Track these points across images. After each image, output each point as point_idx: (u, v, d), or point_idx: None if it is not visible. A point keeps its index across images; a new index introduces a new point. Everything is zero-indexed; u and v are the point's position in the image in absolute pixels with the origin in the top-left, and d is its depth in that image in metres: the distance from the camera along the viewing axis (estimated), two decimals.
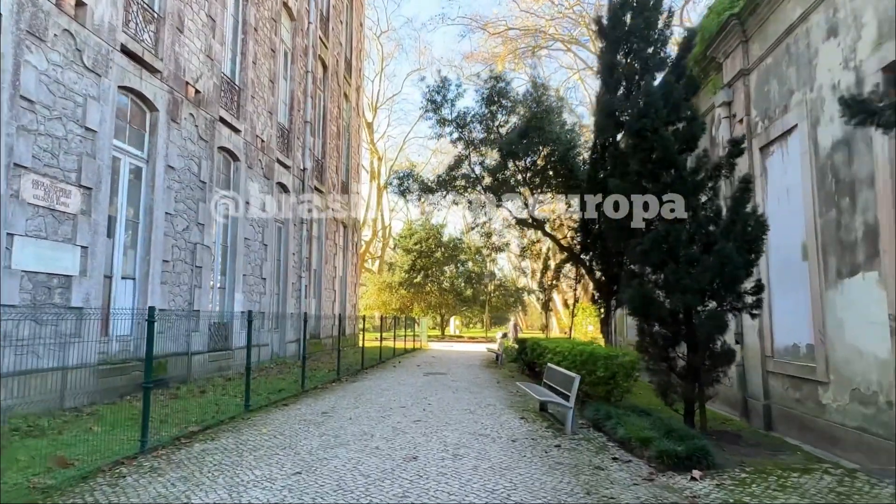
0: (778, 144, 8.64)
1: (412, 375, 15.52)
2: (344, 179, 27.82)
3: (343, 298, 27.49)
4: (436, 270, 41.45)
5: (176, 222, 12.89)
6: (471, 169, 21.83)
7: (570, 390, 8.03)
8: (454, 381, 14.01)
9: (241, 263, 16.09)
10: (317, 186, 22.84)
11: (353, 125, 29.73)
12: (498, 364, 19.21)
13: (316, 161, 23.36)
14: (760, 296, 7.46)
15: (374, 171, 48.33)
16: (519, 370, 17.42)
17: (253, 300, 17.07)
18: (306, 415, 9.00)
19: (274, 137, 18.65)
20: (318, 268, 23.65)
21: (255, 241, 17.23)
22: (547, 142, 17.43)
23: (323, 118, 24.42)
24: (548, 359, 11.44)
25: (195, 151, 13.74)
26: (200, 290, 13.88)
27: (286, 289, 19.74)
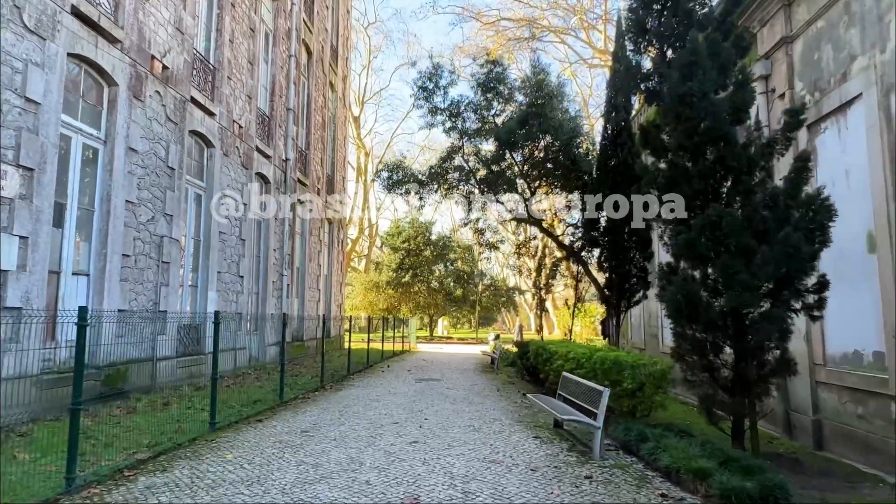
0: (833, 119, 7.47)
1: (403, 382, 14.20)
2: (329, 173, 26.41)
3: (328, 298, 26.07)
4: (424, 269, 40.10)
5: (139, 212, 11.47)
6: (464, 161, 20.56)
7: (596, 406, 6.78)
8: (450, 389, 12.72)
9: (215, 259, 14.67)
10: (300, 179, 21.43)
11: (340, 117, 28.34)
12: (494, 368, 17.96)
13: (299, 152, 21.95)
14: (824, 294, 6.27)
15: (361, 167, 46.88)
16: (518, 375, 16.19)
17: (229, 300, 15.64)
18: (283, 434, 7.65)
19: (253, 124, 17.23)
20: (302, 265, 22.23)
21: (232, 236, 15.81)
22: (548, 130, 16.20)
23: (307, 107, 23.02)
24: (557, 365, 10.20)
25: (162, 134, 12.31)
26: (168, 288, 12.45)
27: (266, 288, 18.32)
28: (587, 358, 8.72)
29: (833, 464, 6.71)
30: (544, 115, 15.55)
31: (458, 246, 42.50)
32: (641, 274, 12.20)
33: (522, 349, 14.82)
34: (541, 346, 12.17)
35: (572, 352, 9.53)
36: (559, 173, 18.12)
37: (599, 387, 6.86)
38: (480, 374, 16.56)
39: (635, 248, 12.09)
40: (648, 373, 7.49)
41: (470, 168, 20.82)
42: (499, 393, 12.28)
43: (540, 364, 12.26)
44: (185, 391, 11.43)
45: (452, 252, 41.50)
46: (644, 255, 12.13)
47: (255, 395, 10.98)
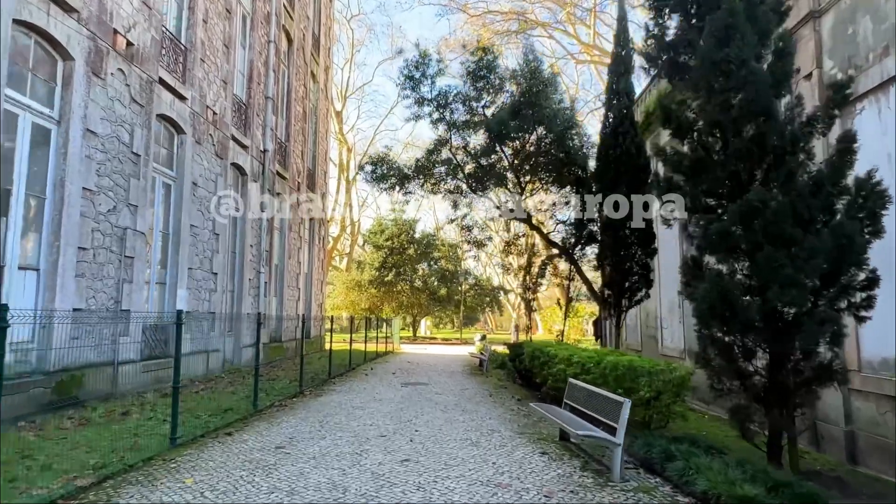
0: (872, 99, 6.75)
1: (388, 386, 13.29)
2: (310, 167, 25.36)
3: (308, 297, 25.01)
4: (408, 268, 39.15)
5: (98, 201, 10.40)
6: (452, 154, 19.70)
7: (611, 418, 5.96)
8: (440, 395, 11.84)
9: (186, 255, 13.61)
10: (279, 172, 20.38)
11: (322, 109, 27.29)
12: (483, 371, 17.11)
13: (279, 144, 20.89)
14: (873, 292, 5.52)
15: (343, 163, 45.75)
16: (509, 379, 15.37)
17: (201, 298, 14.58)
18: (254, 451, 6.71)
19: (229, 111, 16.16)
20: (281, 263, 21.17)
21: (205, 230, 14.74)
22: (542, 120, 15.41)
23: (287, 96, 21.95)
24: (558, 370, 9.39)
25: (126, 116, 11.25)
26: (132, 285, 11.38)
27: (242, 286, 17.26)
28: (595, 362, 7.90)
29: (880, 483, 5.97)
30: (538, 105, 14.76)
31: (443, 244, 41.64)
32: (643, 271, 11.45)
33: (515, 351, 14.00)
34: (537, 349, 11.35)
35: (576, 355, 8.71)
36: (552, 167, 17.35)
37: (618, 397, 6.03)
38: (469, 377, 15.70)
39: (637, 243, 11.33)
40: (667, 380, 6.70)
41: (458, 162, 19.98)
42: (492, 399, 11.43)
43: (536, 368, 11.45)
44: (148, 399, 10.38)
45: (437, 250, 40.62)
46: (646, 252, 11.38)
47: (226, 403, 9.99)
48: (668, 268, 12.19)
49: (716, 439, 6.86)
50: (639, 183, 11.15)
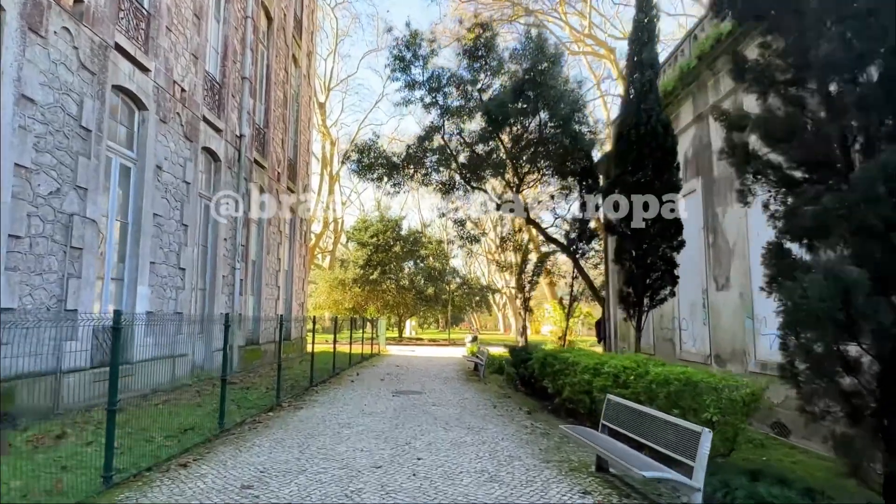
0: None
1: (378, 396, 11.81)
2: (291, 157, 23.74)
3: (288, 296, 23.40)
4: (394, 266, 37.62)
5: (37, 181, 8.79)
6: (445, 142, 18.25)
7: (685, 452, 4.57)
8: (437, 407, 10.41)
9: (147, 248, 12.00)
10: (257, 160, 18.77)
11: (304, 97, 25.66)
12: (480, 377, 15.70)
13: (257, 130, 19.28)
14: None
15: (326, 157, 44.04)
16: (510, 385, 14.00)
17: (165, 296, 12.96)
18: (212, 493, 5.21)
19: (200, 89, 14.54)
20: (258, 259, 19.57)
21: (171, 220, 13.13)
22: (548, 101, 14.04)
23: (266, 80, 20.33)
24: (580, 380, 8.01)
25: (74, 84, 9.63)
26: (80, 280, 9.78)
27: (215, 283, 15.65)
28: (634, 374, 6.51)
29: None
30: (544, 84, 13.38)
31: (430, 242, 40.18)
32: (668, 267, 10.12)
33: (519, 356, 12.61)
34: (550, 354, 9.96)
35: (606, 364, 7.33)
36: (554, 157, 15.99)
37: (692, 425, 4.64)
38: (466, 384, 14.28)
39: (661, 235, 10.00)
40: (736, 398, 5.34)
41: (451, 151, 18.57)
42: (497, 411, 10.03)
43: (548, 375, 10.06)
44: (95, 416, 8.79)
45: (423, 248, 39.14)
46: (672, 245, 10.05)
47: (189, 420, 8.45)
48: (687, 263, 10.88)
49: (806, 474, 5.52)
50: (665, 166, 9.83)
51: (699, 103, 11.44)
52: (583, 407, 8.61)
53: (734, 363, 9.99)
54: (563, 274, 22.52)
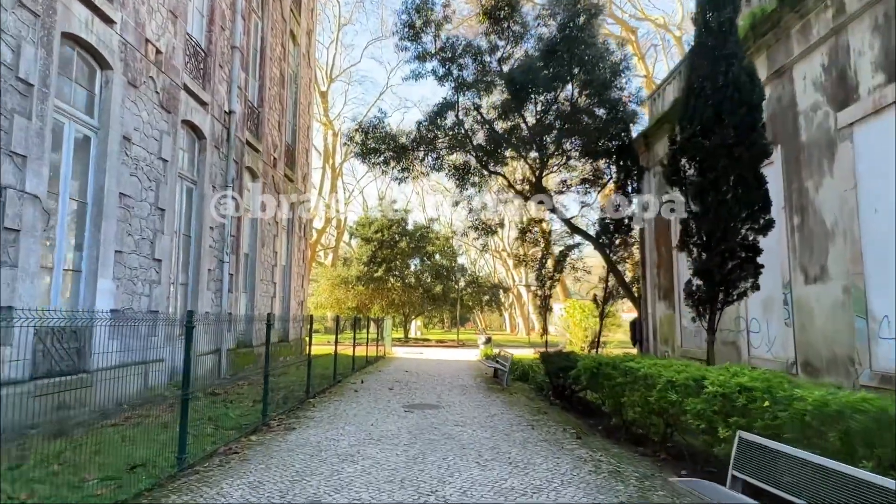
0: None
1: (387, 412, 9.82)
2: (290, 143, 21.78)
3: (286, 294, 21.44)
4: (400, 263, 35.61)
5: None
6: (458, 121, 16.24)
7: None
8: (462, 427, 8.41)
9: (111, 233, 10.03)
10: (250, 142, 16.81)
11: (303, 78, 23.69)
12: (503, 385, 13.67)
13: (250, 108, 17.32)
14: None
15: (329, 149, 42.04)
16: (539, 395, 12.01)
17: (136, 292, 11.00)
18: None
19: (180, 53, 12.57)
20: (252, 252, 17.61)
21: (143, 203, 11.17)
22: (583, 63, 12.02)
23: (261, 54, 18.38)
24: (660, 399, 6.00)
25: (8, 24, 7.67)
26: (16, 271, 7.83)
27: (199, 278, 13.69)
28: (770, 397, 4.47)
29: None
30: (580, 41, 11.36)
31: (437, 238, 38.15)
32: (750, 253, 8.09)
33: (556, 362, 10.57)
34: (607, 363, 7.92)
35: (707, 379, 5.30)
36: (588, 133, 13.96)
37: None
38: (489, 395, 12.27)
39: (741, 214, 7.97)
40: None
41: (466, 130, 16.57)
42: (539, 434, 8.02)
43: (602, 389, 8.04)
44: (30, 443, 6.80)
45: (431, 244, 37.10)
46: (757, 225, 8.02)
47: (142, 451, 6.46)
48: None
49: None
50: (750, 125, 7.80)
51: (778, 55, 9.40)
52: (655, 432, 6.60)
53: (834, 373, 7.97)
54: (588, 269, 20.47)
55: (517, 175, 19.01)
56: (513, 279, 52.97)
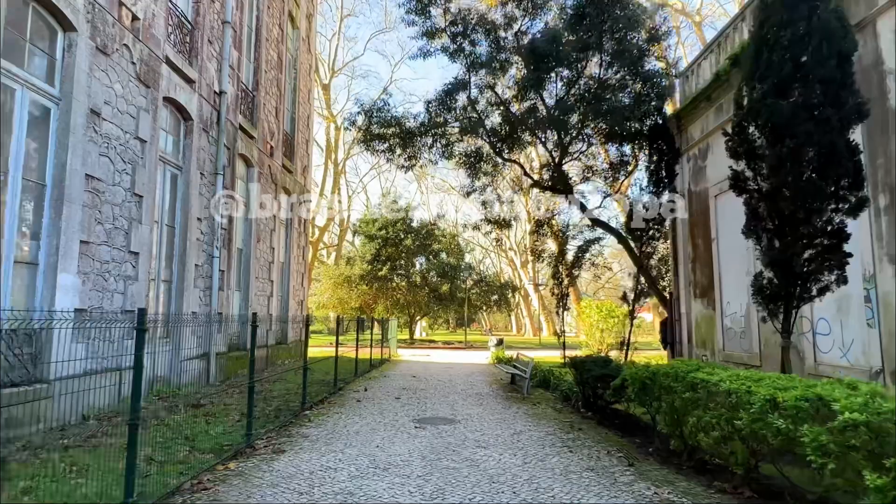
0: None
1: (395, 428, 8.42)
2: (288, 131, 20.42)
3: (284, 293, 20.07)
4: (405, 262, 34.22)
5: None
6: (471, 100, 14.82)
7: None
8: (487, 451, 7.01)
9: (76, 221, 8.67)
10: (243, 126, 15.44)
11: (303, 64, 22.33)
12: (523, 394, 12.24)
13: (244, 91, 15.96)
14: None
15: (331, 144, 40.67)
16: (564, 404, 10.60)
17: (108, 289, 9.63)
18: None
19: (161, 22, 11.21)
20: (246, 248, 16.25)
21: (117, 187, 9.81)
22: (614, 30, 10.60)
23: (256, 33, 17.02)
24: (748, 419, 4.58)
25: None
26: None
27: (185, 274, 12.33)
28: None
29: None
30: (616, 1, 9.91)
31: (443, 235, 36.74)
32: (835, 240, 6.65)
33: (591, 370, 9.12)
34: (660, 374, 6.48)
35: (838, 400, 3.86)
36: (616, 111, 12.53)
37: None
38: (508, 405, 10.85)
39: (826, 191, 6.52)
40: None
41: (479, 113, 15.16)
42: (580, 460, 6.61)
43: (654, 403, 6.61)
44: None
45: (437, 242, 35.69)
46: (845, 205, 6.57)
47: (92, 485, 5.07)
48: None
49: None
50: (841, 81, 6.37)
51: (858, 7, 7.96)
52: (736, 462, 5.19)
53: None
54: (608, 265, 19.04)
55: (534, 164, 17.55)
56: (519, 278, 51.51)
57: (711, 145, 12.44)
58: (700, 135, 12.83)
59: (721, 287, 12.07)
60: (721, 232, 12.07)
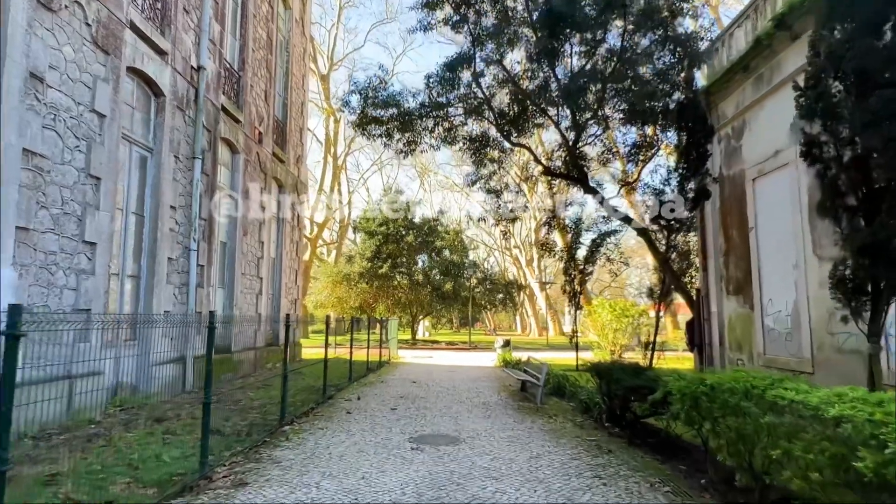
0: None
1: (386, 450, 7.05)
2: (280, 117, 19.07)
3: (275, 291, 18.73)
4: (407, 259, 32.83)
5: None
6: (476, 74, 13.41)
7: None
8: (499, 484, 5.63)
9: (11, 204, 7.32)
10: (227, 108, 14.09)
11: (296, 47, 20.97)
12: (537, 403, 10.82)
13: (228, 70, 14.62)
14: None
15: (330, 137, 39.30)
16: (584, 416, 9.20)
17: (54, 284, 8.28)
18: None
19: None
20: (231, 241, 14.90)
21: (67, 167, 8.47)
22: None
23: (242, 8, 15.67)
24: (869, 463, 3.19)
25: None
26: None
27: (155, 268, 10.98)
28: None
29: None
30: None
31: (447, 232, 35.33)
32: None
33: (622, 379, 7.68)
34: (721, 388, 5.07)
35: None
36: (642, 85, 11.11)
37: None
38: (521, 418, 9.44)
39: None
40: None
41: (485, 93, 13.76)
42: (615, 493, 5.24)
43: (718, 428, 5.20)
44: None
45: (440, 239, 34.27)
46: None
47: None
48: None
49: None
50: None
51: None
52: None
53: None
54: (624, 260, 17.66)
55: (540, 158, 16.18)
56: (524, 277, 50.06)
57: (749, 122, 11.04)
58: (734, 111, 11.42)
59: (761, 282, 10.65)
60: (760, 220, 10.65)
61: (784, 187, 9.88)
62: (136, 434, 7.52)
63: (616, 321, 21.98)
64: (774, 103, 10.20)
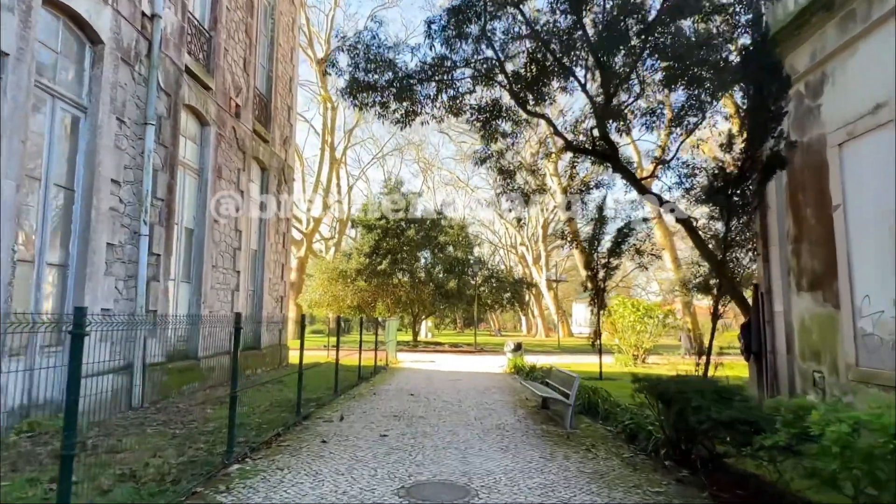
0: None
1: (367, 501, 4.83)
2: (262, 91, 16.91)
3: (257, 287, 16.55)
4: (408, 255, 30.62)
5: None
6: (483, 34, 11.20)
7: None
8: None
9: None
10: (192, 70, 11.92)
11: (283, 15, 18.82)
12: (567, 427, 8.57)
13: (195, 27, 12.46)
14: None
15: (327, 126, 37.12)
16: (628, 445, 7.01)
17: None
18: None
19: None
20: (199, 228, 12.71)
21: None
22: None
23: None
24: None
25: None
26: None
27: (87, 257, 8.78)
28: None
29: None
30: None
31: (450, 226, 33.12)
32: None
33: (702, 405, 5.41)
34: None
35: None
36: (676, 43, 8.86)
37: None
38: (549, 452, 7.22)
39: None
40: None
41: (497, 52, 11.55)
42: None
43: None
44: None
45: (443, 233, 32.06)
46: None
47: None
48: None
49: None
50: None
51: None
52: None
53: None
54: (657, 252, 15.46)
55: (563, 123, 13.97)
56: (530, 276, 47.81)
57: (832, 74, 8.80)
58: (808, 63, 9.19)
59: (851, 275, 8.39)
60: (850, 195, 8.39)
61: (886, 151, 7.64)
62: (14, 482, 5.33)
63: (639, 322, 19.78)
64: (872, 46, 7.96)
